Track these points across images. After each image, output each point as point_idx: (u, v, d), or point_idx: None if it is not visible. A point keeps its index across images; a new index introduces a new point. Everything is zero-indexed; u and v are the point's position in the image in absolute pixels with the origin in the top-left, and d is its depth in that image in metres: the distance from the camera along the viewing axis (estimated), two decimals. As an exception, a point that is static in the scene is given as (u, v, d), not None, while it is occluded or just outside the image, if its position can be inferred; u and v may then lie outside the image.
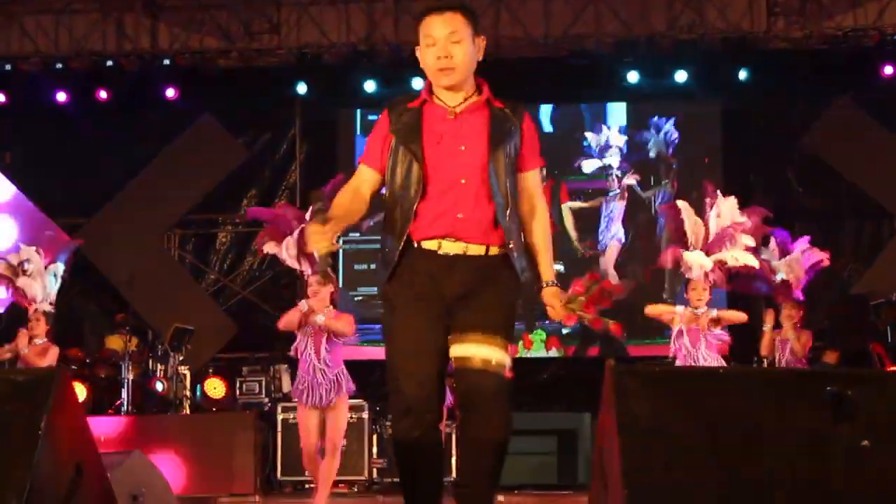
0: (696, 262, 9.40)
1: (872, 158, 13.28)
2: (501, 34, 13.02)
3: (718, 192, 9.68)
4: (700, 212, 9.64)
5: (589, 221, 13.72)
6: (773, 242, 10.50)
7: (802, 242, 10.45)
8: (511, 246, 4.54)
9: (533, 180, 4.74)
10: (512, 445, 4.54)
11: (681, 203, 9.89)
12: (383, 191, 4.71)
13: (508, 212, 4.56)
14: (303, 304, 8.56)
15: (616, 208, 13.65)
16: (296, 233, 9.25)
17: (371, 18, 13.46)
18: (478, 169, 4.52)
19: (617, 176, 13.67)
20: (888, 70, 12.86)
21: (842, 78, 13.25)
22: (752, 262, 9.56)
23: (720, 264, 9.39)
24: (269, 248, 9.46)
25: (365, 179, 4.70)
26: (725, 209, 9.58)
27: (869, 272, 13.31)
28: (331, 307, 8.73)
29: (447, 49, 4.54)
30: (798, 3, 12.97)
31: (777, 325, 10.27)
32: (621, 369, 4.07)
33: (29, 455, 3.96)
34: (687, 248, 9.52)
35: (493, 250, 4.55)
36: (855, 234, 13.55)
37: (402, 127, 4.60)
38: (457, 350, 4.49)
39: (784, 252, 10.44)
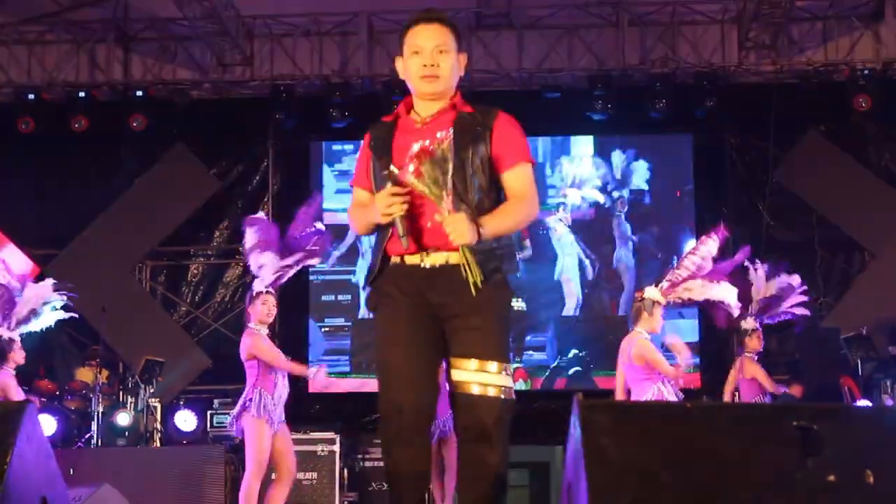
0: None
1: (843, 192, 13.37)
2: (475, 67, 13.08)
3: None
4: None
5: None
6: (758, 272, 10.48)
7: (791, 280, 10.43)
8: (470, 248, 4.38)
9: (515, 178, 4.58)
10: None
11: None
12: None
13: (472, 214, 4.40)
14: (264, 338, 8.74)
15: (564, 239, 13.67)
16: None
17: (344, 51, 13.52)
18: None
19: (563, 206, 13.71)
20: (859, 104, 12.92)
21: (813, 112, 13.35)
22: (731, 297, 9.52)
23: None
24: (265, 259, 9.43)
25: (362, 201, 4.65)
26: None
27: (839, 305, 13.37)
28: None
29: (434, 58, 4.55)
30: (769, 37, 13.07)
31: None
32: (589, 403, 4.07)
33: (-5, 488, 3.93)
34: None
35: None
36: (826, 267, 13.59)
37: (377, 143, 4.60)
38: (455, 375, 4.43)
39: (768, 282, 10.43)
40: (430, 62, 4.54)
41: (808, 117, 13.42)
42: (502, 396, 4.43)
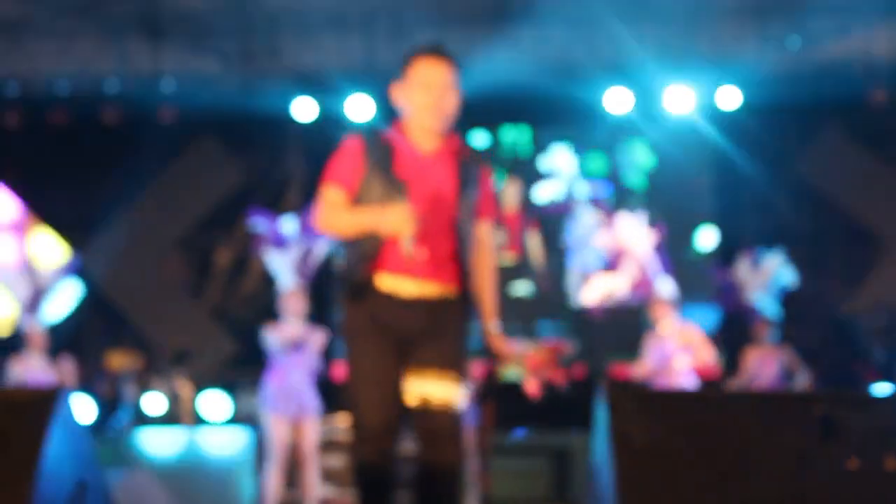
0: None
1: (861, 183, 13.48)
2: (494, 57, 13.19)
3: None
4: None
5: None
6: (748, 259, 10.70)
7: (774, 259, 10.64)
8: (467, 286, 4.69)
9: (486, 231, 4.85)
10: (506, 464, 4.70)
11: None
12: None
13: (466, 254, 4.69)
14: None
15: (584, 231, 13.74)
16: None
17: (370, 43, 13.62)
18: (443, 210, 4.65)
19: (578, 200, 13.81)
20: (876, 97, 12.98)
21: (831, 105, 13.42)
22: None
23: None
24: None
25: (340, 203, 4.72)
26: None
27: (858, 294, 13.47)
28: None
29: (444, 95, 4.70)
30: (787, 30, 13.14)
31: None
32: (616, 390, 4.24)
33: (31, 472, 4.03)
34: None
35: (450, 289, 4.68)
36: (842, 257, 13.70)
37: (379, 158, 4.68)
38: (415, 388, 4.60)
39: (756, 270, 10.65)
40: (440, 96, 4.70)
41: (827, 110, 13.51)
42: (459, 407, 4.62)
